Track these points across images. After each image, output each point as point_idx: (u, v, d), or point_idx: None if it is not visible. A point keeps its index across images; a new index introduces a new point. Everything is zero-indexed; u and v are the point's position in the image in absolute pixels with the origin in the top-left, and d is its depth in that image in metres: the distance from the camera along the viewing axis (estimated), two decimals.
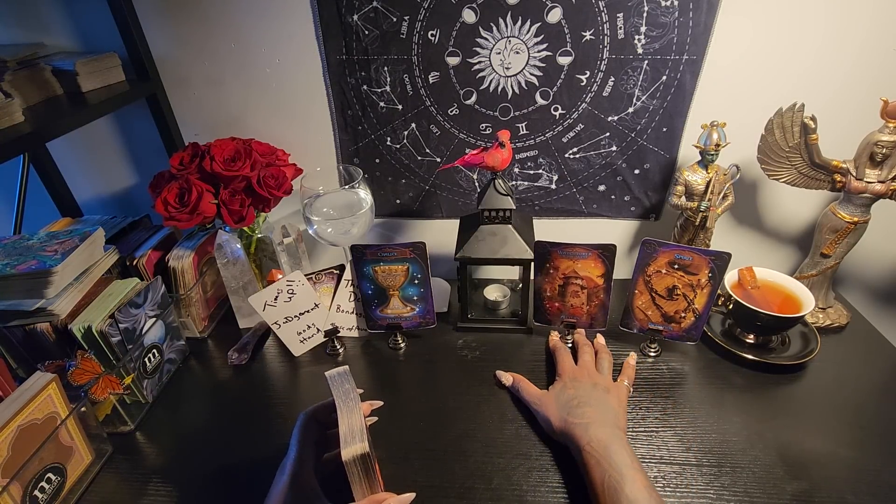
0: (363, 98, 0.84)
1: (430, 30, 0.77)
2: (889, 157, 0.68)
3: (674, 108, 0.80)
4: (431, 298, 0.77)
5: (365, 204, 0.78)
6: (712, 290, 0.70)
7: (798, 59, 0.75)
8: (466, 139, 0.86)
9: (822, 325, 0.80)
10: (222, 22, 0.79)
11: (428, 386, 0.74)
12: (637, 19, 0.73)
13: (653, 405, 0.68)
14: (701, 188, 0.77)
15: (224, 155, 0.74)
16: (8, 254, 0.66)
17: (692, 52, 0.75)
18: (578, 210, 0.92)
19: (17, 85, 0.69)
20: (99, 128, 0.91)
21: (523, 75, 0.79)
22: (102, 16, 0.77)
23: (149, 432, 0.68)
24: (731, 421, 0.65)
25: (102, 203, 1.00)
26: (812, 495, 0.56)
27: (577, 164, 0.87)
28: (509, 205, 0.73)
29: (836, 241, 0.75)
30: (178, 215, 0.72)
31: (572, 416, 0.60)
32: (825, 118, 0.69)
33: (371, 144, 0.88)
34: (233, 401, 0.74)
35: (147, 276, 0.77)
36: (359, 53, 0.80)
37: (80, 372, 0.62)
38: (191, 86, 0.86)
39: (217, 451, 0.65)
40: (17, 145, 0.61)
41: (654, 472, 0.59)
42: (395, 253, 0.73)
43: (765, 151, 0.74)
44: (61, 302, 0.64)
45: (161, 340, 0.74)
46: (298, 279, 0.75)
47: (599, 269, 0.72)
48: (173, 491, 0.60)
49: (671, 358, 0.76)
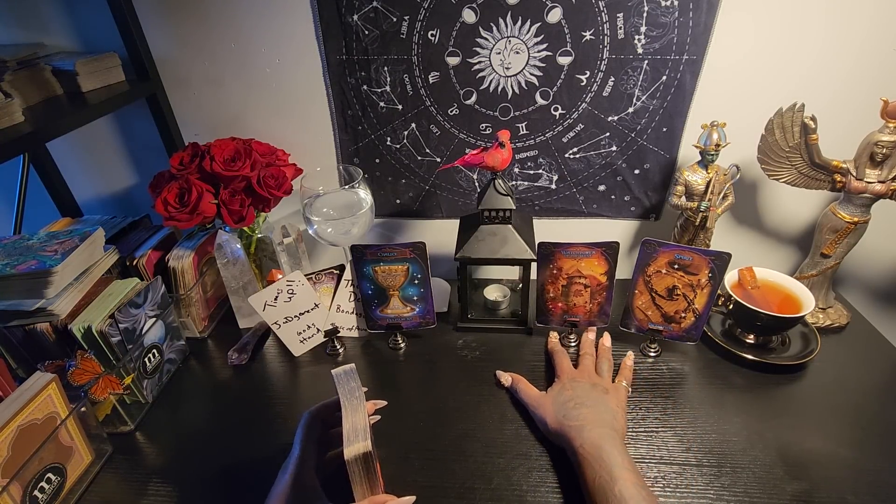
0: (363, 98, 0.84)
1: (430, 30, 0.77)
2: (889, 157, 0.68)
3: (674, 108, 0.80)
4: (431, 298, 0.77)
5: (365, 204, 0.78)
6: (712, 290, 0.70)
7: (798, 59, 0.75)
8: (466, 139, 0.86)
9: (822, 326, 0.80)
10: (222, 22, 0.79)
11: (428, 386, 0.74)
12: (637, 19, 0.73)
13: (653, 405, 0.68)
14: (701, 188, 0.77)
15: (224, 155, 0.74)
16: (8, 254, 0.66)
17: (692, 52, 0.75)
18: (578, 210, 0.92)
19: (17, 85, 0.69)
20: (99, 128, 0.91)
21: (523, 75, 0.79)
22: (102, 16, 0.77)
23: (149, 432, 0.68)
24: (731, 421, 0.65)
25: (102, 203, 1.00)
26: (812, 495, 0.56)
27: (577, 164, 0.87)
28: (509, 205, 0.73)
29: (836, 242, 0.75)
30: (178, 215, 0.72)
31: (568, 419, 0.59)
32: (825, 118, 0.69)
33: (371, 144, 0.88)
34: (233, 401, 0.74)
35: (147, 276, 0.77)
36: (359, 53, 0.80)
37: (79, 372, 0.62)
38: (191, 86, 0.86)
39: (217, 451, 0.65)
40: (17, 145, 0.61)
41: (654, 472, 0.59)
42: (395, 253, 0.73)
43: (765, 151, 0.74)
44: (61, 302, 0.64)
45: (161, 340, 0.74)
46: (298, 279, 0.75)
47: (603, 267, 0.73)
48: (173, 491, 0.60)
49: (671, 358, 0.76)
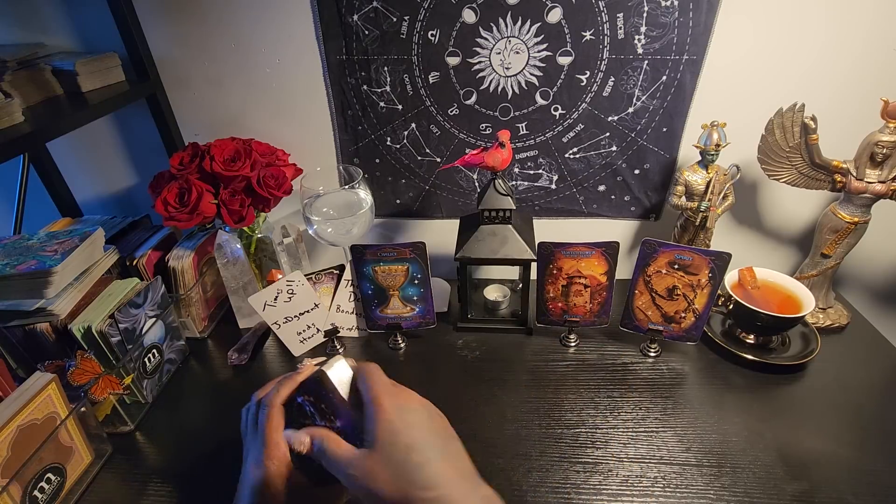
0: (363, 98, 0.84)
1: (430, 30, 0.77)
2: (889, 157, 0.68)
3: (674, 108, 0.80)
4: (431, 298, 0.77)
5: (365, 204, 0.78)
6: (712, 291, 0.70)
7: (798, 59, 0.74)
8: (466, 139, 0.86)
9: (822, 326, 0.80)
10: (222, 22, 0.79)
11: (428, 386, 0.73)
12: (637, 19, 0.73)
13: (653, 405, 0.68)
14: (701, 188, 0.77)
15: (224, 155, 0.74)
16: (8, 254, 0.66)
17: (692, 52, 0.75)
18: (578, 210, 0.92)
19: (17, 85, 0.69)
20: (99, 128, 0.91)
21: (523, 75, 0.79)
22: (102, 16, 0.77)
23: (149, 432, 0.68)
24: (732, 421, 0.65)
25: (102, 203, 1.00)
26: (812, 495, 0.56)
27: (577, 164, 0.87)
28: (509, 205, 0.73)
29: (836, 242, 0.75)
30: (178, 215, 0.72)
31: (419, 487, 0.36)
32: (825, 118, 0.69)
33: (371, 144, 0.88)
34: (233, 401, 0.73)
35: (147, 276, 0.77)
36: (359, 53, 0.80)
37: (79, 372, 0.62)
38: (191, 86, 0.86)
39: (217, 451, 0.65)
40: (16, 145, 0.61)
41: (654, 472, 0.59)
42: (395, 253, 0.73)
43: (765, 151, 0.74)
44: (61, 302, 0.64)
45: (161, 340, 0.74)
46: (298, 279, 0.75)
47: (603, 267, 0.73)
48: (173, 491, 0.60)
49: (671, 358, 0.76)
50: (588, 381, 0.72)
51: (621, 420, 0.66)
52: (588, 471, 0.60)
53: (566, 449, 0.62)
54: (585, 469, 0.60)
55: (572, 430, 0.65)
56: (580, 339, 0.79)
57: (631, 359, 0.76)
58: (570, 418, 0.66)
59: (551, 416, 0.67)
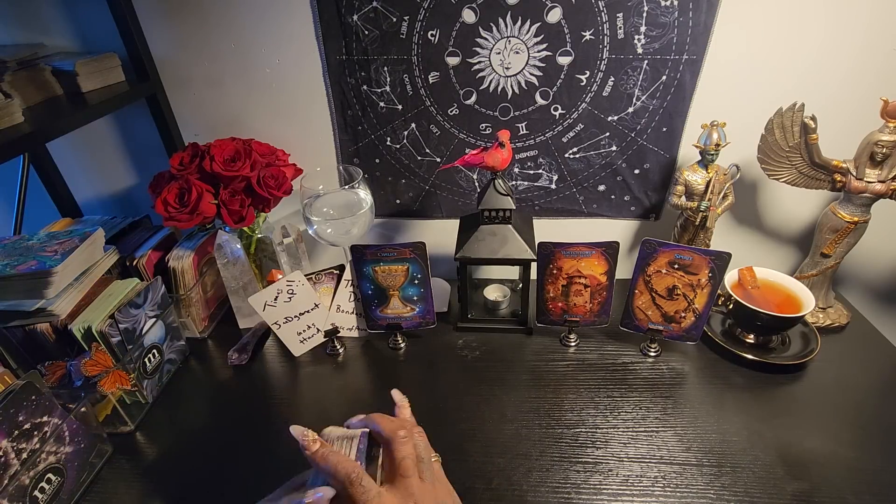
0: (363, 98, 0.84)
1: (429, 30, 0.77)
2: (889, 156, 0.68)
3: (674, 107, 0.80)
4: (431, 298, 0.77)
5: (365, 204, 0.78)
6: (712, 290, 0.70)
7: (798, 58, 0.74)
8: (466, 139, 0.86)
9: (822, 325, 0.80)
10: (222, 22, 0.79)
11: (428, 386, 0.74)
12: (637, 19, 0.73)
13: (653, 405, 0.68)
14: (701, 188, 0.77)
15: (224, 155, 0.74)
16: (8, 254, 0.66)
17: (692, 51, 0.75)
18: (578, 210, 0.92)
19: (16, 85, 0.69)
20: (99, 128, 0.91)
21: (523, 75, 0.79)
22: (102, 16, 0.77)
23: (149, 432, 0.68)
24: (732, 421, 0.65)
25: (102, 203, 1.00)
26: (812, 495, 0.56)
27: (577, 164, 0.87)
28: (509, 205, 0.73)
29: (836, 241, 0.75)
30: (178, 215, 0.72)
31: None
32: (825, 118, 0.69)
33: (371, 144, 0.88)
34: (233, 401, 0.74)
35: (147, 276, 0.77)
36: (359, 53, 0.80)
37: (91, 363, 0.62)
38: (191, 86, 0.86)
39: (217, 451, 0.65)
40: (16, 145, 0.61)
41: (654, 472, 0.59)
42: (395, 253, 0.73)
43: (765, 151, 0.74)
44: (61, 302, 0.64)
45: (161, 340, 0.74)
46: (298, 279, 0.75)
47: (603, 267, 0.73)
48: (173, 491, 0.60)
49: (671, 358, 0.76)
50: (588, 380, 0.72)
51: (621, 420, 0.66)
52: (588, 470, 0.60)
53: (566, 448, 0.62)
54: (586, 469, 0.60)
55: (572, 430, 0.65)
56: (580, 339, 0.79)
57: (631, 358, 0.76)
58: (571, 418, 0.67)
59: (551, 415, 0.67)
